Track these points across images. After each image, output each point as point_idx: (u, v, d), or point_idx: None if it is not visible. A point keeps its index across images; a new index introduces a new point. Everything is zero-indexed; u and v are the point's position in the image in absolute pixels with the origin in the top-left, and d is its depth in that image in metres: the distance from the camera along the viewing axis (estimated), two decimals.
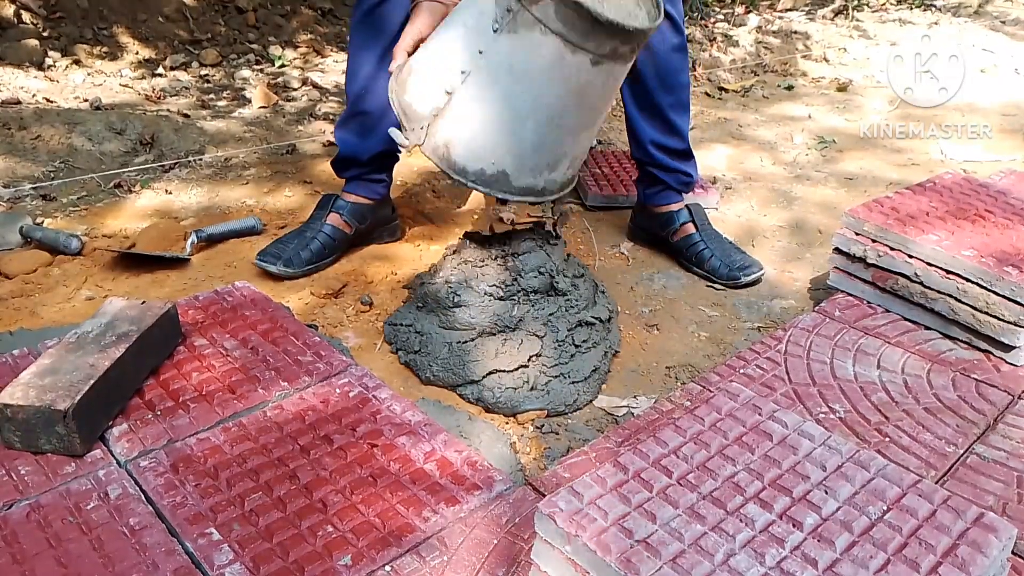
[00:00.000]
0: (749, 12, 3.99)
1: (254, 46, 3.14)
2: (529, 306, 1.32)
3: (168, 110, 2.42)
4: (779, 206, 2.08)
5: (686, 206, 1.73)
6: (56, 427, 0.99)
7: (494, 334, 1.29)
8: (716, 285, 1.66)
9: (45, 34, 2.84)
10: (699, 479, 0.83)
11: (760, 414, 0.93)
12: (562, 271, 1.41)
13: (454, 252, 1.41)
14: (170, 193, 1.95)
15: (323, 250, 1.63)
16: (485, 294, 1.31)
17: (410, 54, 1.25)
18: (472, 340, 1.30)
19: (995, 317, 1.30)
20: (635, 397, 1.31)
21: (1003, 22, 4.21)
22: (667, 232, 1.73)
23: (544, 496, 0.88)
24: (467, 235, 1.43)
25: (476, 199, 2.01)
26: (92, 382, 1.03)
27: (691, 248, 1.69)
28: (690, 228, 1.70)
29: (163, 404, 1.11)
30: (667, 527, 0.77)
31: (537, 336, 1.29)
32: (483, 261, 1.36)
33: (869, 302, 1.47)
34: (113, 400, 1.08)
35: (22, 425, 1.00)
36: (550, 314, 1.31)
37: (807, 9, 4.20)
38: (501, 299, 1.32)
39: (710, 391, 1.22)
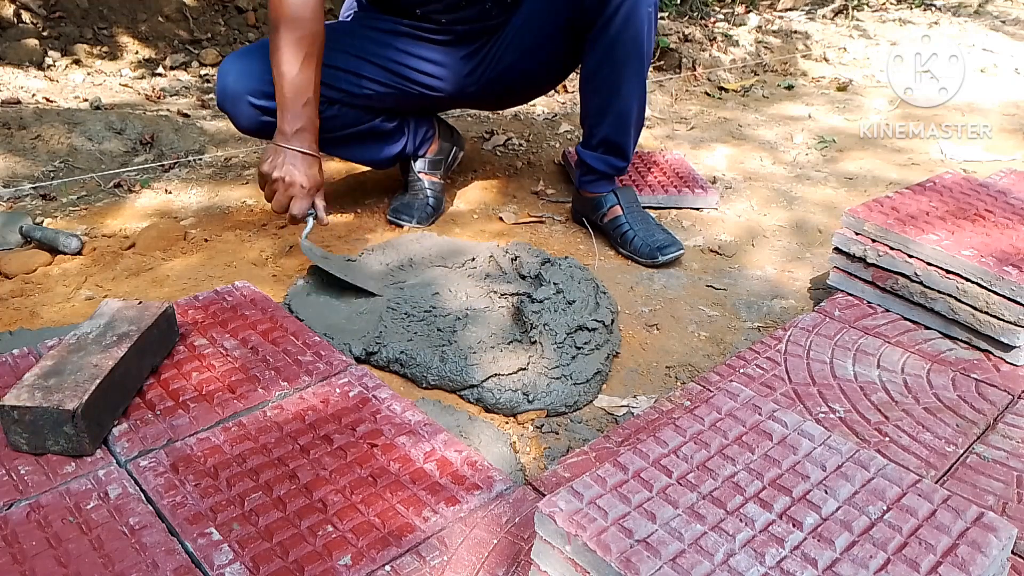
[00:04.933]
0: (749, 12, 3.99)
1: None
2: (530, 309, 1.32)
3: (168, 110, 2.43)
4: (779, 206, 2.08)
5: (613, 190, 1.80)
6: (64, 427, 0.99)
7: (492, 342, 1.29)
8: (715, 286, 1.66)
9: (45, 34, 2.84)
10: (699, 479, 0.83)
11: (760, 414, 0.93)
12: (563, 277, 1.41)
13: None
14: (170, 193, 1.95)
15: (439, 204, 1.89)
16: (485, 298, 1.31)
17: None
18: (471, 345, 1.30)
19: (995, 317, 1.30)
20: (635, 397, 1.31)
21: (1003, 22, 4.21)
22: (597, 216, 1.81)
23: (544, 496, 0.88)
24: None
25: (476, 199, 2.01)
26: (98, 382, 1.03)
27: (617, 229, 1.77)
28: (617, 211, 1.77)
29: (163, 404, 1.11)
30: (667, 527, 0.77)
31: (537, 341, 1.29)
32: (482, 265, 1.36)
33: (869, 302, 1.47)
34: (117, 400, 1.08)
35: (29, 427, 1.00)
36: (550, 317, 1.31)
37: (807, 9, 4.20)
38: (501, 304, 1.32)
39: (710, 391, 1.22)
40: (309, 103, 1.45)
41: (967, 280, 1.33)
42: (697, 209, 2.01)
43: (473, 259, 1.55)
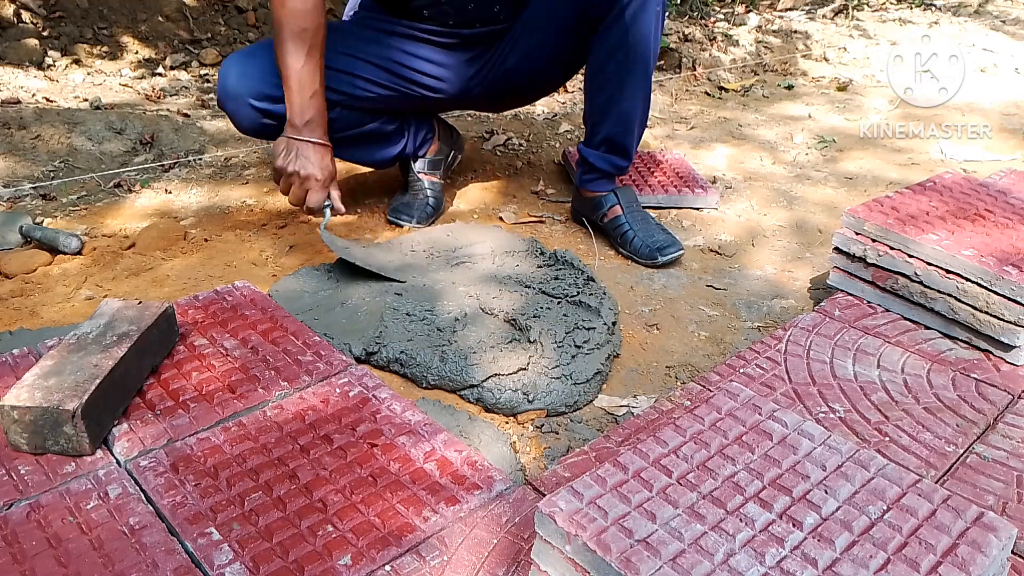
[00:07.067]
0: (749, 11, 3.99)
1: None
2: (531, 309, 1.32)
3: (168, 110, 2.43)
4: (779, 206, 2.08)
5: (613, 190, 1.80)
6: (64, 427, 0.99)
7: (492, 342, 1.29)
8: (715, 286, 1.66)
9: (45, 34, 2.84)
10: (699, 479, 0.83)
11: (760, 414, 0.93)
12: (564, 275, 1.41)
13: None
14: (170, 193, 1.95)
15: (438, 204, 1.88)
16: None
17: None
18: (471, 345, 1.30)
19: (995, 317, 1.30)
20: (635, 397, 1.31)
21: (1003, 22, 4.21)
22: (597, 215, 1.81)
23: (544, 496, 0.88)
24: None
25: (476, 199, 2.01)
26: (98, 381, 1.02)
27: (617, 229, 1.77)
28: (617, 210, 1.78)
29: (163, 404, 1.11)
30: (667, 527, 0.77)
31: (537, 340, 1.29)
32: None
33: (869, 302, 1.47)
34: (117, 399, 1.08)
35: (29, 427, 1.00)
36: (551, 317, 1.31)
37: (807, 8, 4.20)
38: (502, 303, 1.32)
39: (710, 391, 1.22)
40: (316, 94, 1.49)
41: (967, 280, 1.33)
42: (697, 209, 2.01)
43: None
